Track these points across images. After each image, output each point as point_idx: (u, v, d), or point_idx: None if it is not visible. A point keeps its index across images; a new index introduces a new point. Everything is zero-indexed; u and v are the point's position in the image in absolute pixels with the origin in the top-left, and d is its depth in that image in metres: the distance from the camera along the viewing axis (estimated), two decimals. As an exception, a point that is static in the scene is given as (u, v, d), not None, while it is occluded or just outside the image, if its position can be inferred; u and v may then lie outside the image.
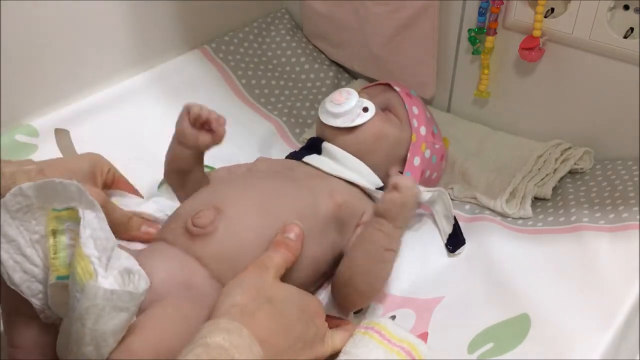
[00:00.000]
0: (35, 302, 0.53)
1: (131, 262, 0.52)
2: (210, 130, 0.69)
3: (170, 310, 0.55)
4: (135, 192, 0.75)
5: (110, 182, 0.72)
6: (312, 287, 0.71)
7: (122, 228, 0.69)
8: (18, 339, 0.56)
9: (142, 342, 0.51)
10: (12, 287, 0.52)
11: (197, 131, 0.69)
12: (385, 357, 0.57)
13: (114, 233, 0.68)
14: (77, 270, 0.48)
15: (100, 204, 0.65)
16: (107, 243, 0.51)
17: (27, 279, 0.53)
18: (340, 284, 0.67)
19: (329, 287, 0.71)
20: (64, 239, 0.53)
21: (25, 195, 0.51)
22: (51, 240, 0.52)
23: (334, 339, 0.60)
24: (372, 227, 0.67)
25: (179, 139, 0.71)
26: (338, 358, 0.59)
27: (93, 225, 0.51)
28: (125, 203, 0.72)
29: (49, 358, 0.55)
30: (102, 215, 0.52)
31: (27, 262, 0.53)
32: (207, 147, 0.71)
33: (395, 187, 0.66)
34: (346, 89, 0.80)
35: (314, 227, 0.68)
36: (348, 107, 0.77)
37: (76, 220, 0.52)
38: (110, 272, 0.49)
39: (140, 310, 0.54)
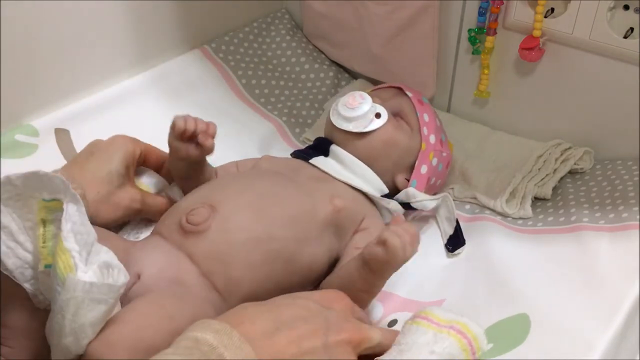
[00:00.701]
0: (28, 287, 0.54)
1: (110, 257, 0.52)
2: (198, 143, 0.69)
3: (154, 308, 0.54)
4: (163, 165, 0.77)
5: (142, 162, 0.74)
6: (307, 289, 0.70)
7: (159, 217, 0.71)
8: (10, 322, 0.56)
9: (120, 334, 0.51)
10: (6, 273, 0.53)
11: (185, 144, 0.69)
12: (436, 339, 0.53)
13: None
14: (58, 264, 0.49)
15: (139, 206, 0.70)
16: (87, 237, 0.52)
17: (20, 265, 0.53)
18: None
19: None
20: (53, 229, 0.53)
21: (14, 185, 0.52)
22: (41, 230, 0.53)
23: (371, 330, 0.55)
24: (355, 267, 0.61)
25: (170, 153, 0.71)
26: (389, 351, 0.54)
27: (74, 219, 0.51)
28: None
29: (40, 342, 0.55)
30: (84, 209, 0.52)
31: (20, 249, 0.53)
32: (199, 158, 0.71)
33: (383, 244, 0.57)
34: (360, 92, 0.79)
35: (310, 231, 0.67)
36: (361, 111, 0.76)
37: (62, 212, 0.52)
38: (90, 267, 0.50)
39: (126, 303, 0.54)
